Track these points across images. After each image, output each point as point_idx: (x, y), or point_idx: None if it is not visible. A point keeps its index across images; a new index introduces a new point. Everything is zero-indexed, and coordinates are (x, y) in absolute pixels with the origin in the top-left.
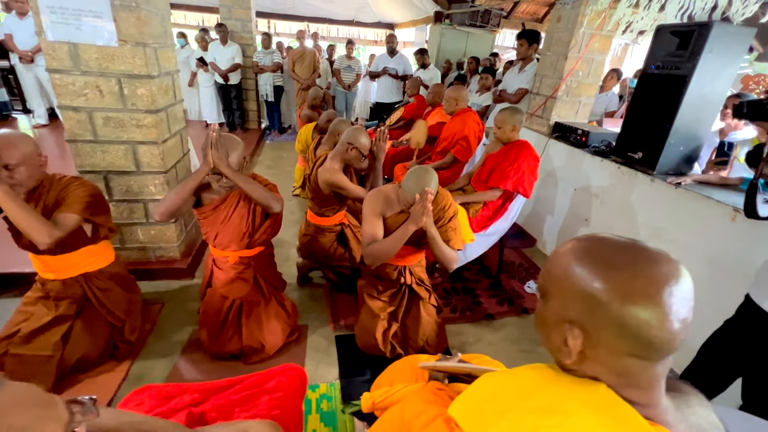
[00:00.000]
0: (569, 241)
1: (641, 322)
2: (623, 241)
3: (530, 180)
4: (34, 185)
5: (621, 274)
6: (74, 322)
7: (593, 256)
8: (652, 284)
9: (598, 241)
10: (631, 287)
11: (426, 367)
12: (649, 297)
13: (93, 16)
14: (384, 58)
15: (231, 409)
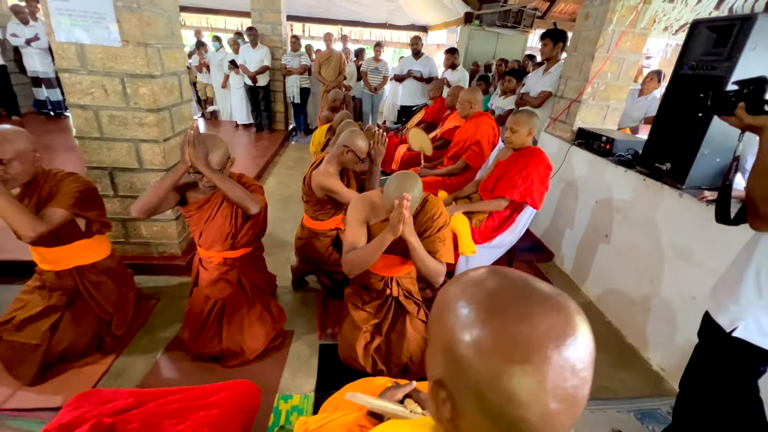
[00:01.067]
0: (463, 273)
1: (503, 396)
2: (512, 279)
3: (540, 190)
4: (28, 180)
5: (486, 325)
6: (64, 313)
7: (468, 296)
8: (521, 345)
9: (484, 277)
10: (493, 346)
11: (351, 399)
12: (514, 362)
13: (97, 17)
14: (409, 60)
15: (159, 420)
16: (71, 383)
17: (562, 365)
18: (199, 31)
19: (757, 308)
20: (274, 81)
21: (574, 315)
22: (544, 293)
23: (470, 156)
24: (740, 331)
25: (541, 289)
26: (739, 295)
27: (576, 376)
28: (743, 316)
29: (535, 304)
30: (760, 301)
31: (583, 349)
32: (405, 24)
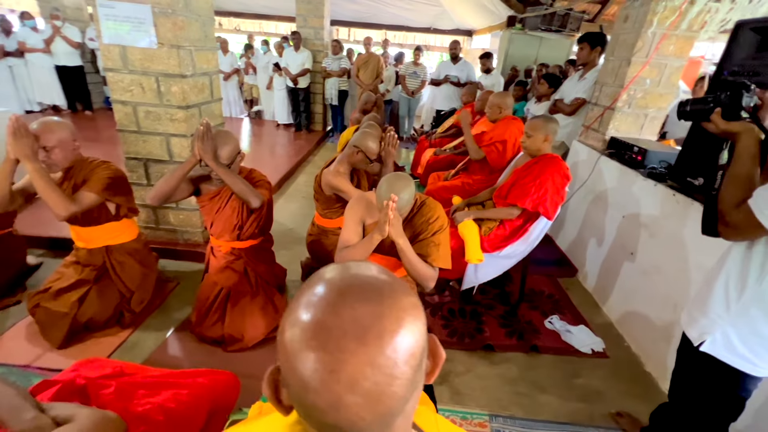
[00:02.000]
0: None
1: (299, 381)
2: (346, 270)
3: (554, 200)
4: (67, 166)
5: (298, 310)
6: (92, 287)
7: (306, 284)
8: (320, 332)
9: (330, 267)
10: (298, 331)
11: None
12: (310, 349)
13: (138, 22)
14: (447, 65)
15: (133, 390)
16: (90, 351)
17: (361, 359)
18: (252, 35)
19: (724, 322)
20: (314, 83)
21: (392, 312)
22: (369, 286)
23: (491, 152)
24: (707, 345)
25: (370, 282)
26: (708, 307)
27: (380, 373)
28: (711, 330)
29: (351, 294)
30: (727, 315)
31: (391, 347)
32: (450, 28)
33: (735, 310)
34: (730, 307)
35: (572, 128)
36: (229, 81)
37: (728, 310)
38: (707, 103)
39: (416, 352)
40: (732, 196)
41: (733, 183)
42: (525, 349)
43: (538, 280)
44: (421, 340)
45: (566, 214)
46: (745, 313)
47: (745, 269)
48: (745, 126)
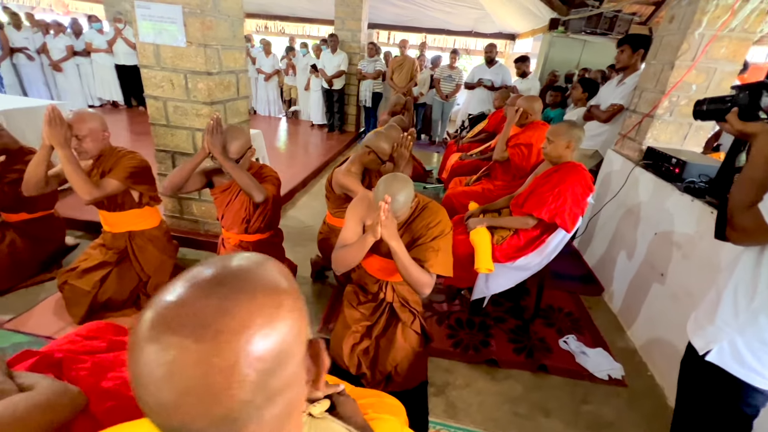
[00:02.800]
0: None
1: (131, 372)
2: (212, 263)
3: (573, 212)
4: (97, 154)
5: (151, 302)
6: (113, 269)
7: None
8: (156, 324)
9: (206, 261)
10: (141, 320)
11: None
12: (143, 340)
13: (170, 21)
14: (481, 68)
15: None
16: None
17: (194, 357)
18: (293, 38)
19: (732, 330)
20: (349, 85)
21: (240, 310)
22: (228, 280)
23: (515, 154)
24: (713, 354)
25: (232, 276)
26: (715, 315)
27: (215, 373)
28: (718, 339)
29: (202, 287)
30: (736, 322)
31: (231, 347)
32: (492, 32)
33: (744, 318)
34: (739, 314)
35: (608, 136)
36: (270, 81)
37: (737, 317)
38: (725, 103)
39: (266, 356)
40: (742, 199)
41: (745, 185)
42: (533, 367)
43: (559, 296)
44: (279, 345)
45: (596, 228)
46: (754, 321)
47: (756, 275)
48: (763, 127)
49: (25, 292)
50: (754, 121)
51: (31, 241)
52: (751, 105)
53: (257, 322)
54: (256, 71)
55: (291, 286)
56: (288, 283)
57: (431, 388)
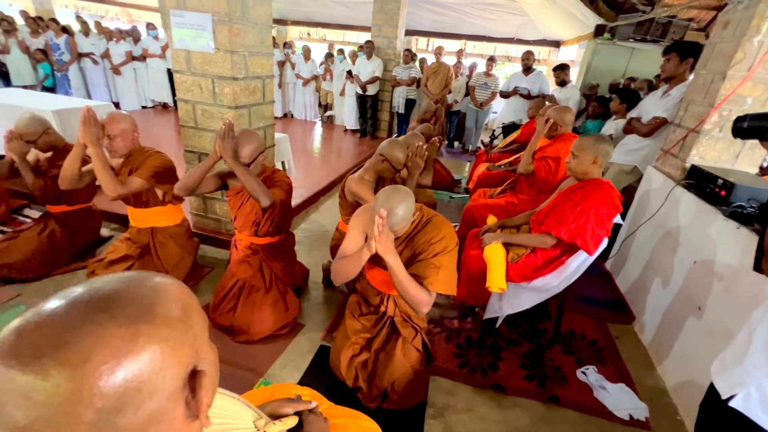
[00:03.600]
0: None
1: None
2: (83, 285)
3: (595, 232)
4: (126, 153)
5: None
6: (135, 263)
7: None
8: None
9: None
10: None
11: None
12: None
13: (200, 29)
14: (517, 76)
15: None
16: None
17: (12, 386)
18: (332, 44)
19: (762, 374)
20: (383, 91)
21: (73, 339)
22: (75, 303)
23: (541, 167)
24: (738, 400)
25: (83, 299)
26: (745, 357)
27: (49, 411)
28: (745, 383)
29: (46, 310)
30: (767, 366)
31: (54, 380)
32: (535, 39)
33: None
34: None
35: (648, 152)
36: (308, 86)
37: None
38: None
39: (109, 393)
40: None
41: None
42: (543, 398)
43: (583, 321)
44: (127, 382)
45: (630, 250)
46: None
47: None
48: None
49: (60, 278)
50: None
51: (69, 231)
52: None
53: (99, 355)
54: (294, 76)
55: (169, 314)
56: (167, 311)
57: (430, 409)
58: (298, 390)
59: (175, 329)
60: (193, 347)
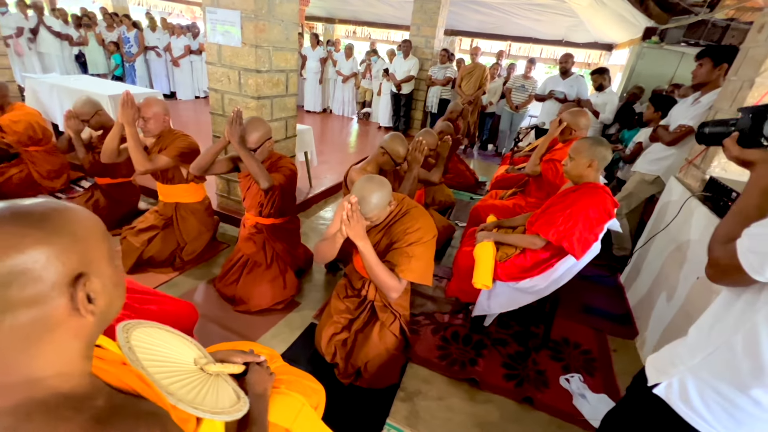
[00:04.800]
0: None
1: None
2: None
3: (583, 237)
4: (158, 134)
5: None
6: (159, 233)
7: None
8: None
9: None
10: None
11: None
12: None
13: (230, 24)
14: (554, 79)
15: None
16: (146, 280)
17: None
18: (374, 42)
19: (686, 369)
20: (417, 90)
21: None
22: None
23: (548, 169)
24: (661, 388)
25: (8, 207)
26: (677, 349)
27: None
28: (669, 373)
29: None
30: (691, 362)
31: None
32: (585, 42)
33: (700, 360)
34: (696, 355)
35: (673, 162)
36: (347, 83)
37: (693, 357)
38: (728, 126)
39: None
40: (727, 232)
41: (735, 217)
42: (517, 397)
43: (581, 331)
44: (15, 266)
45: (643, 263)
46: (709, 366)
47: (725, 318)
48: (763, 155)
49: None
50: (755, 147)
51: (110, 201)
52: (753, 130)
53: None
54: (335, 73)
55: (61, 228)
56: (60, 225)
57: (401, 392)
58: (259, 347)
59: (63, 239)
60: (83, 258)
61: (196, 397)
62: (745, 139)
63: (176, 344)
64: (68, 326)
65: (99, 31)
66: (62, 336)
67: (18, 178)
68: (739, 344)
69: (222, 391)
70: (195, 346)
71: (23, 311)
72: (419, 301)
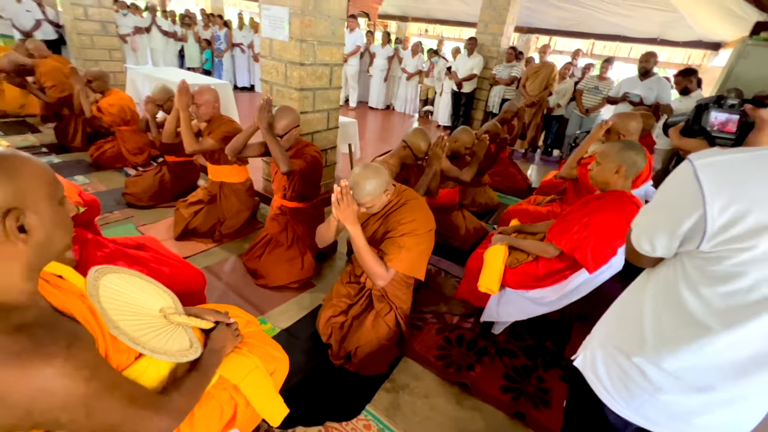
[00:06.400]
0: None
1: None
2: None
3: (599, 248)
4: (208, 119)
5: None
6: (204, 207)
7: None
8: None
9: None
10: None
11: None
12: None
13: (280, 21)
14: (631, 81)
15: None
16: (187, 247)
17: None
18: (442, 40)
19: (597, 343)
20: (480, 89)
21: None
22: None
23: (583, 173)
24: (578, 360)
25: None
26: (596, 326)
27: None
28: (586, 347)
29: None
30: (601, 335)
31: None
32: (687, 40)
33: (606, 330)
34: (605, 326)
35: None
36: (411, 81)
37: (603, 328)
38: (683, 117)
39: None
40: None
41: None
42: (510, 410)
43: None
44: None
45: None
46: (611, 336)
47: (629, 293)
48: (697, 144)
49: (162, 210)
50: (693, 137)
51: (174, 176)
52: (695, 120)
53: None
54: (401, 70)
55: (2, 171)
56: (1, 168)
57: (388, 383)
58: (238, 312)
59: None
60: (17, 196)
61: (142, 336)
62: (688, 129)
63: (151, 293)
64: (4, 250)
65: (197, 29)
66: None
67: (111, 152)
68: (630, 314)
69: (176, 337)
70: (171, 298)
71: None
72: (432, 299)
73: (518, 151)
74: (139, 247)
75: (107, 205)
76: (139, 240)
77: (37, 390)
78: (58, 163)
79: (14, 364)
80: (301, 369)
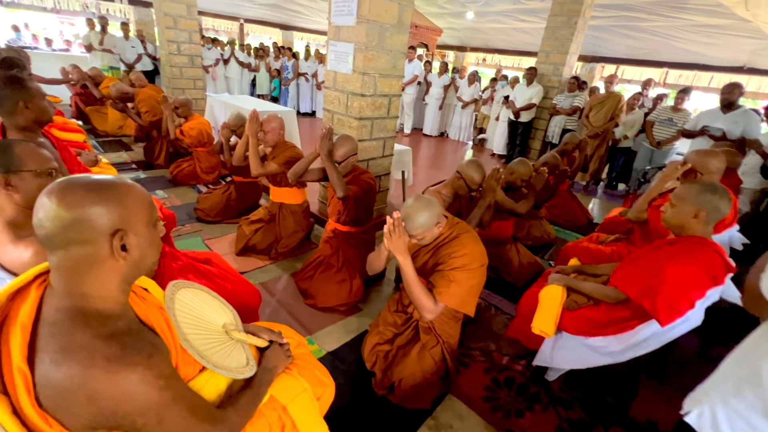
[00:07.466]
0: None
1: None
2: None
3: (673, 298)
4: (273, 144)
5: None
6: (263, 225)
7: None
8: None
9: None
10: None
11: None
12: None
13: (345, 55)
14: (712, 113)
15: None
16: (246, 263)
17: (53, 209)
18: (500, 70)
19: (717, 397)
20: (538, 119)
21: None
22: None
23: (654, 216)
24: (693, 417)
25: (93, 179)
26: (710, 378)
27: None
28: (701, 401)
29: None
30: (722, 389)
31: (56, 208)
32: None
33: (730, 387)
34: (726, 382)
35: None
36: (467, 109)
37: (724, 384)
38: None
39: (64, 215)
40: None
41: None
42: None
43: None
44: (75, 215)
45: None
46: (739, 395)
47: (757, 348)
48: None
49: (226, 226)
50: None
51: (239, 195)
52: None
53: (67, 199)
54: (456, 99)
55: (111, 198)
56: (113, 195)
57: (431, 420)
58: (290, 333)
59: (111, 204)
60: (122, 219)
61: (207, 350)
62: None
63: (217, 309)
64: (108, 264)
65: (268, 60)
66: (104, 270)
67: (187, 170)
68: (765, 372)
69: (235, 353)
70: (233, 316)
71: (80, 247)
72: (480, 335)
73: (579, 183)
74: (206, 261)
75: (180, 218)
76: (207, 255)
77: (122, 394)
78: (144, 178)
79: (105, 368)
80: (344, 394)
